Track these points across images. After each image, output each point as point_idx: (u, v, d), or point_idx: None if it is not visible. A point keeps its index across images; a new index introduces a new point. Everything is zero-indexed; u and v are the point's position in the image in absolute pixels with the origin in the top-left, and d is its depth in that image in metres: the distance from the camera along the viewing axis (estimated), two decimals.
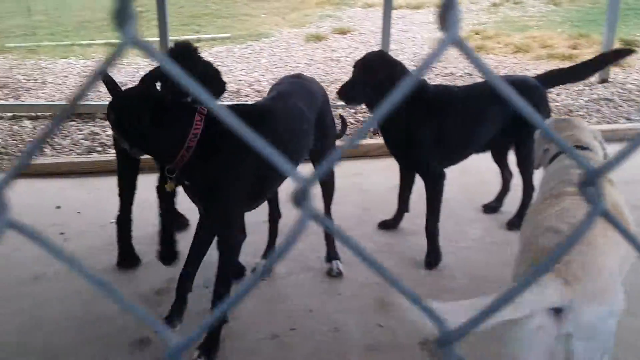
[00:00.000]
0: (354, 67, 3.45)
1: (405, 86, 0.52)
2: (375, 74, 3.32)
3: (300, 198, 0.51)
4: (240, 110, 2.78)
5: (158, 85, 2.79)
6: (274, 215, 3.46)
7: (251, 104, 3.23)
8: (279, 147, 2.71)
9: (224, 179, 2.60)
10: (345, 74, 7.13)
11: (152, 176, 3.13)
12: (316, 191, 3.36)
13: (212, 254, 2.83)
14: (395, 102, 0.53)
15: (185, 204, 3.13)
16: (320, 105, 3.12)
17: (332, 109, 5.88)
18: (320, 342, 2.80)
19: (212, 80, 2.90)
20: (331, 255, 3.38)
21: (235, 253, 2.78)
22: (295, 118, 2.89)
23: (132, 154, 2.72)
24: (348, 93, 3.38)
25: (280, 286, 3.28)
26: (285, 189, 3.53)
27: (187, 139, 2.50)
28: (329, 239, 3.40)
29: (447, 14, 0.48)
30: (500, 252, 3.58)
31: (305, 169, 3.30)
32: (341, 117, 3.75)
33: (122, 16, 0.46)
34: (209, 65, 3.00)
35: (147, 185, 3.28)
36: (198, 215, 2.95)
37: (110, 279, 3.30)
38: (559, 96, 6.44)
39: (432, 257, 3.42)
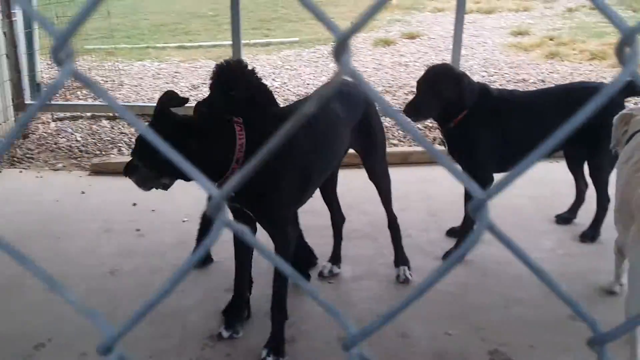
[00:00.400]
0: (419, 83, 3.45)
1: (589, 109, 0.53)
2: (442, 89, 3.33)
3: (476, 210, 0.54)
4: (275, 113, 2.73)
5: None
6: (337, 220, 3.46)
7: (286, 106, 3.18)
8: (314, 147, 2.70)
9: (272, 183, 2.59)
10: (413, 79, 7.08)
11: None
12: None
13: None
14: (575, 125, 0.55)
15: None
16: (363, 109, 3.11)
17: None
18: (388, 348, 2.79)
19: (261, 98, 2.72)
20: (400, 260, 3.37)
21: (291, 250, 2.80)
22: (329, 120, 2.88)
23: (162, 187, 2.71)
24: (415, 110, 3.40)
25: (347, 290, 3.30)
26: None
27: (235, 150, 2.51)
28: (397, 244, 3.39)
29: (625, 49, 0.49)
30: (573, 264, 3.48)
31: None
32: None
33: (341, 50, 0.53)
34: (260, 86, 2.75)
35: None
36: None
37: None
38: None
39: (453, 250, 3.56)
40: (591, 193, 3.82)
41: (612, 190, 3.53)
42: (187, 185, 3.69)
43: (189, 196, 3.88)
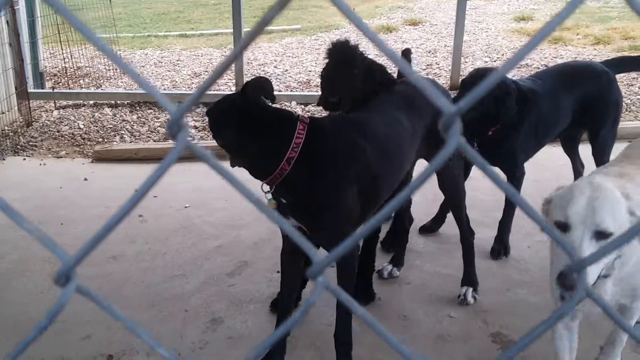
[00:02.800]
0: (464, 83, 3.31)
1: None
2: (484, 98, 3.08)
3: (448, 126, 0.53)
4: (348, 118, 2.61)
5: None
6: (404, 221, 3.31)
7: (347, 115, 2.78)
8: (378, 157, 2.46)
9: (332, 193, 2.34)
10: (416, 65, 7.06)
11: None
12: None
13: None
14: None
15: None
16: (431, 115, 2.73)
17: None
18: (389, 330, 2.78)
19: (378, 74, 2.80)
20: (466, 280, 3.07)
21: (353, 269, 2.51)
22: (394, 130, 2.60)
23: (231, 163, 2.37)
24: None
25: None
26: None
27: (288, 149, 2.26)
28: (467, 262, 3.11)
29: None
30: None
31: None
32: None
33: None
34: (372, 62, 2.89)
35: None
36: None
37: (186, 258, 3.42)
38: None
39: (500, 247, 3.41)
40: None
41: None
42: (186, 172, 3.72)
43: (191, 183, 3.88)
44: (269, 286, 3.11)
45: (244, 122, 2.25)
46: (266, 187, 2.36)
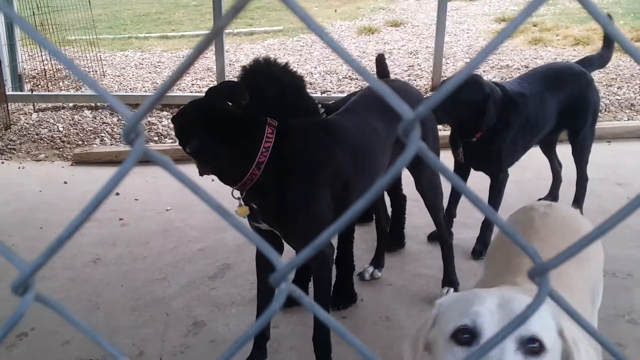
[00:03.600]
0: (443, 82, 3.32)
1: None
2: (463, 100, 3.10)
3: (407, 131, 0.52)
4: (310, 121, 2.53)
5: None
6: (382, 223, 3.32)
7: (322, 119, 2.69)
8: (351, 162, 2.44)
9: (302, 196, 2.34)
10: (397, 67, 7.09)
11: None
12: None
13: None
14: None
15: None
16: None
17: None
18: (371, 332, 2.80)
19: (292, 96, 2.46)
20: (446, 280, 3.08)
21: (328, 271, 2.49)
22: (368, 135, 2.57)
23: (200, 172, 2.37)
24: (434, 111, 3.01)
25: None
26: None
27: (257, 153, 2.25)
28: (446, 262, 3.11)
29: None
30: None
31: None
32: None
33: None
34: (292, 82, 2.49)
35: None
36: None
37: (168, 262, 3.40)
38: (620, 89, 6.24)
39: (481, 247, 3.42)
40: (572, 177, 3.85)
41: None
42: (169, 174, 3.68)
43: (172, 186, 3.81)
44: (251, 289, 3.09)
45: (211, 128, 2.24)
46: (237, 193, 2.34)
